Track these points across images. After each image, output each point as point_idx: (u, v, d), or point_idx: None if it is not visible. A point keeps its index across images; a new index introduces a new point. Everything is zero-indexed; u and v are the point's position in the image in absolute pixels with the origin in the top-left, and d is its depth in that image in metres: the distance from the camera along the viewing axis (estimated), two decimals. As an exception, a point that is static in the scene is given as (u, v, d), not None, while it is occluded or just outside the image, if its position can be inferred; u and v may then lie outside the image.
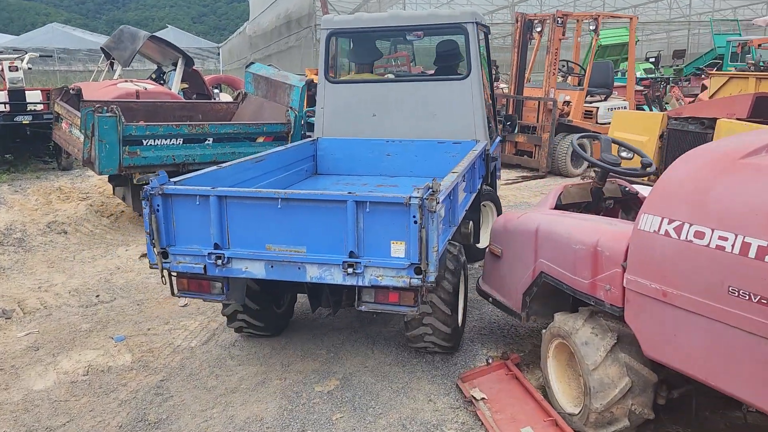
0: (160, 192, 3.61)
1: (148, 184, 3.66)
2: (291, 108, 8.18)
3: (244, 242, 3.63)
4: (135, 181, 7.24)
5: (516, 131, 11.96)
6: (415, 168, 5.85)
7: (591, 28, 12.11)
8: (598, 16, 12.14)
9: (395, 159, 5.91)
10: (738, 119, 6.48)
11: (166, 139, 7.30)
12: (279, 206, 3.51)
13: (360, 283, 3.52)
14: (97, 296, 6.04)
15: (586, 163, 12.20)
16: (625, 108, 12.91)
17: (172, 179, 3.82)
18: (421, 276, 3.39)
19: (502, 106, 12.54)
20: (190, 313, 5.61)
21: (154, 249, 3.72)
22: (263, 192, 3.63)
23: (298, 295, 5.19)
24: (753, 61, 13.03)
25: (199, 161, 7.63)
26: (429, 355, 4.65)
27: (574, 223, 3.63)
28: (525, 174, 12.04)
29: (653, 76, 21.08)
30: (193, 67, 14.36)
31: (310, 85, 8.79)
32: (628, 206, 4.80)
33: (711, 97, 8.43)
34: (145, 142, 7.19)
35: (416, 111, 5.89)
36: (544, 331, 3.89)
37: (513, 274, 4.14)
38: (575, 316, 3.57)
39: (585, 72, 12.53)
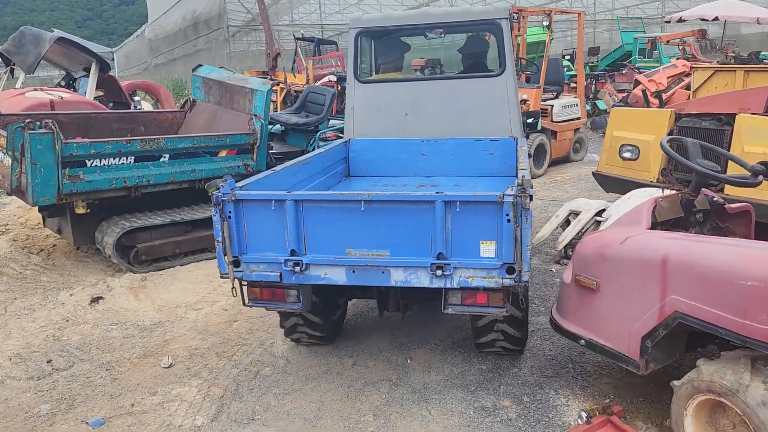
0: (233, 198, 3.47)
1: (219, 189, 3.48)
2: (255, 116, 7.11)
3: (322, 247, 3.53)
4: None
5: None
6: (452, 167, 5.70)
7: (545, 23, 11.72)
8: (551, 11, 11.77)
9: (431, 158, 5.75)
10: (753, 114, 6.10)
11: (114, 158, 6.04)
12: (362, 209, 3.41)
13: (448, 286, 3.44)
14: (49, 362, 4.76)
15: (547, 164, 11.83)
16: (576, 105, 12.67)
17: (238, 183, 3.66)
18: (513, 276, 3.33)
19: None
20: (180, 375, 4.49)
21: (226, 258, 3.57)
22: (345, 194, 3.48)
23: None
24: (733, 54, 13.03)
25: (155, 182, 6.42)
26: (503, 416, 3.84)
27: (731, 251, 2.93)
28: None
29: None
30: (109, 73, 12.76)
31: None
32: (712, 220, 4.19)
33: (694, 91, 8.17)
34: (89, 163, 5.90)
35: (450, 109, 5.73)
36: (675, 383, 3.18)
37: (622, 313, 3.39)
38: (733, 367, 2.87)
39: (538, 69, 12.16)
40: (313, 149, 8.28)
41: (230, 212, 3.51)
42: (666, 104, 15.00)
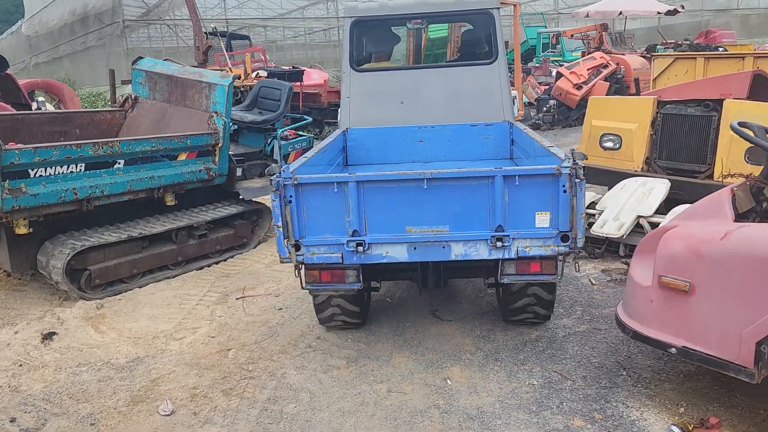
0: (295, 182, 3.53)
1: (279, 174, 3.54)
2: (215, 113, 6.32)
3: (382, 227, 3.66)
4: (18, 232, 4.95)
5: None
6: (450, 152, 5.87)
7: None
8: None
9: (428, 145, 5.89)
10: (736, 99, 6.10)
11: (62, 167, 5.10)
12: (425, 187, 3.55)
13: (506, 256, 3.68)
14: (13, 421, 3.86)
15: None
16: (515, 99, 12.61)
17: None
18: (568, 243, 3.62)
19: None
20: (188, 424, 3.75)
21: (286, 242, 3.65)
22: (408, 173, 3.61)
23: None
24: (687, 42, 13.28)
25: (110, 193, 5.51)
26: (588, 435, 3.45)
27: None
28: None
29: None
30: (7, 71, 11.27)
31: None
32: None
33: (655, 79, 8.20)
34: (32, 173, 4.93)
35: (444, 96, 5.87)
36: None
37: (728, 316, 3.08)
38: None
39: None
40: (272, 150, 7.59)
41: (291, 196, 3.55)
42: (589, 95, 15.37)
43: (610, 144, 6.86)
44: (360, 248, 3.66)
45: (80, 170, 5.25)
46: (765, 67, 7.41)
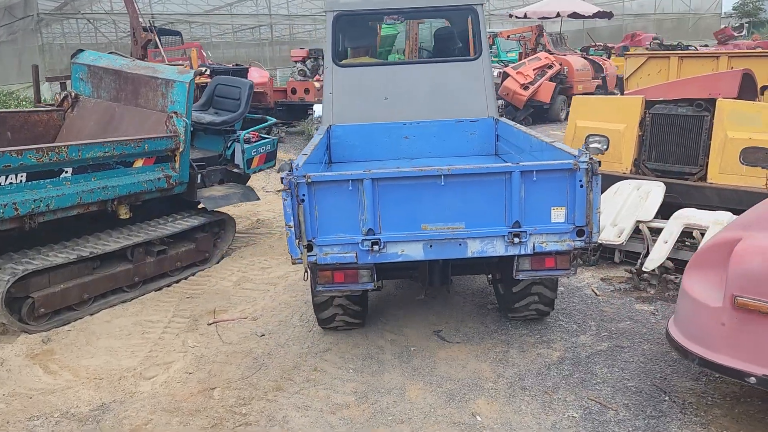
0: (308, 180, 3.44)
1: (291, 172, 3.41)
2: (175, 114, 5.59)
3: (397, 225, 3.61)
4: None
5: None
6: (435, 149, 5.80)
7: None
8: None
9: (413, 141, 5.82)
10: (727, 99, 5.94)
11: (1, 177, 4.27)
12: (442, 183, 3.52)
13: (522, 252, 3.66)
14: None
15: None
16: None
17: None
18: (584, 238, 3.63)
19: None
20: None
21: (298, 243, 3.55)
22: (425, 170, 3.57)
23: None
24: (657, 41, 13.22)
25: (56, 207, 4.70)
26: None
27: None
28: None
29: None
30: None
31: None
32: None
33: (627, 78, 8.03)
34: (-37, 186, 4.08)
35: (428, 92, 5.81)
36: None
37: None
38: None
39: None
40: (232, 154, 6.90)
41: (304, 195, 3.45)
42: (535, 95, 15.24)
43: (596, 145, 6.57)
44: (375, 247, 3.59)
45: (21, 181, 4.42)
46: (737, 66, 7.35)
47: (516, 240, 3.60)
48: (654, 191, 5.76)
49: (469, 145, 5.86)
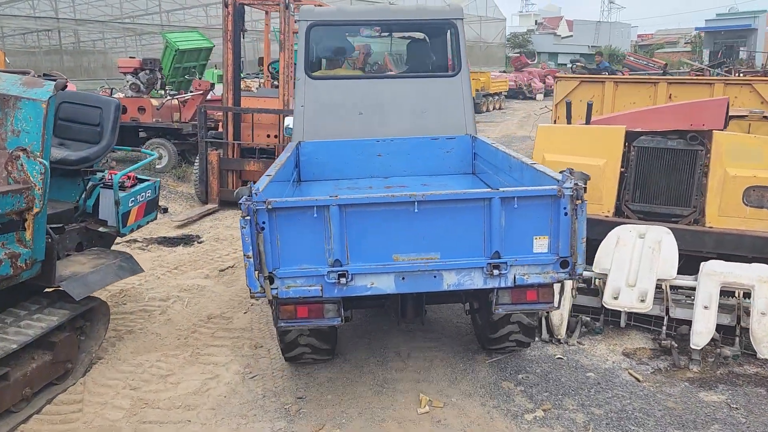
0: (269, 206, 3.13)
1: (250, 197, 3.09)
2: (24, 152, 3.40)
3: (366, 255, 3.34)
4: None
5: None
6: (410, 167, 5.60)
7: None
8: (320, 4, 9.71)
9: (387, 159, 5.61)
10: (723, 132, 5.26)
11: None
12: (416, 210, 3.28)
13: (503, 285, 3.42)
14: None
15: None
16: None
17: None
18: (567, 269, 3.38)
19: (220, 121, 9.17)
20: None
21: (258, 275, 3.21)
22: (397, 196, 3.30)
23: None
24: (581, 65, 12.44)
25: None
26: None
27: None
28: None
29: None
30: None
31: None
32: None
33: (558, 103, 7.20)
34: None
35: (405, 108, 5.64)
36: None
37: None
38: None
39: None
40: (95, 204, 4.72)
41: (264, 222, 3.16)
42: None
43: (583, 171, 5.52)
44: (342, 279, 3.32)
45: None
46: (677, 94, 6.87)
47: (495, 272, 3.33)
48: (665, 240, 4.82)
49: (446, 164, 5.61)
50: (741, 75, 15.13)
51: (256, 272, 3.21)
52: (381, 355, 4.64)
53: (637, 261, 4.76)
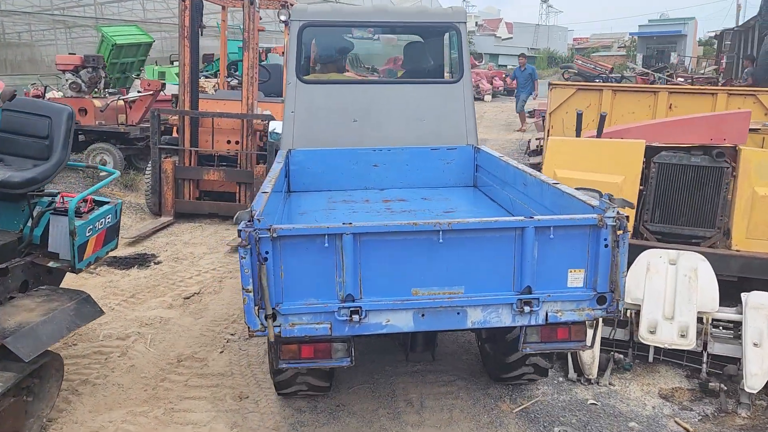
0: (273, 234, 2.78)
1: (251, 223, 2.75)
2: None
3: (382, 289, 2.98)
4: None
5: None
6: (408, 179, 5.36)
7: (282, 18, 8.82)
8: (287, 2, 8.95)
9: (384, 169, 5.33)
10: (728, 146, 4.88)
11: None
12: (440, 240, 2.93)
13: (534, 323, 3.09)
14: None
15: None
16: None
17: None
18: (605, 306, 3.08)
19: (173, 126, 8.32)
20: None
21: (258, 311, 2.87)
22: (419, 224, 2.93)
23: None
24: (575, 71, 11.73)
25: None
26: None
27: None
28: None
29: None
30: None
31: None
32: None
33: (552, 112, 6.72)
34: None
35: (403, 116, 5.38)
36: None
37: None
38: None
39: (269, 75, 9.27)
40: (43, 233, 3.90)
41: (267, 252, 2.81)
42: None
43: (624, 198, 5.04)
44: (355, 317, 2.93)
45: None
46: (678, 103, 6.51)
47: (526, 308, 3.02)
48: (701, 268, 4.37)
49: (446, 176, 5.37)
50: (692, 80, 15.27)
51: (256, 308, 2.88)
52: (391, 406, 4.01)
53: (672, 291, 4.30)
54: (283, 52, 16.16)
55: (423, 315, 3.03)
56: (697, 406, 3.99)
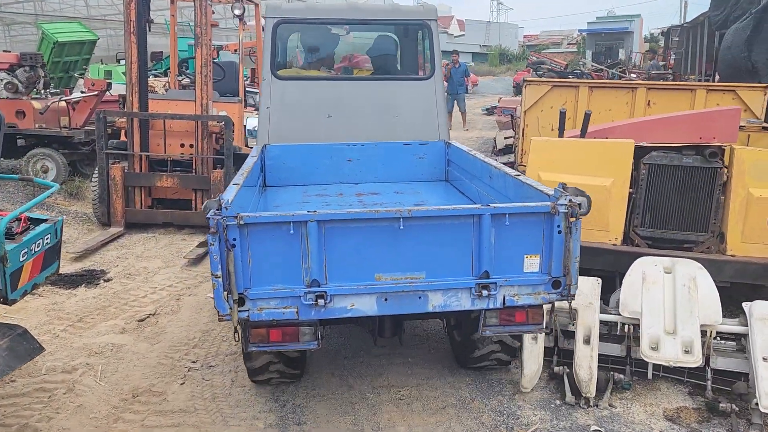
0: (240, 221, 2.90)
1: (217, 210, 2.85)
2: None
3: (346, 275, 3.12)
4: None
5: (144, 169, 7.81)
6: (381, 173, 5.47)
7: (236, 12, 8.30)
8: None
9: (358, 164, 5.45)
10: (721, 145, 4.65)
11: None
12: (401, 227, 3.07)
13: (492, 306, 3.25)
14: None
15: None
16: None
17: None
18: (560, 290, 3.25)
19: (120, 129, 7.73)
20: None
21: (227, 296, 2.96)
22: (381, 212, 3.10)
23: None
24: (548, 67, 11.24)
25: None
26: None
27: None
28: (201, 239, 7.43)
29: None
30: None
31: None
32: None
33: (527, 110, 6.41)
34: None
35: (376, 112, 5.49)
36: None
37: None
38: None
39: (224, 74, 8.73)
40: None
41: (235, 239, 2.91)
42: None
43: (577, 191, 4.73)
44: (320, 301, 3.05)
45: None
46: (656, 99, 6.30)
47: (484, 292, 3.17)
48: (699, 277, 4.11)
49: (418, 170, 5.51)
50: (649, 76, 15.35)
51: (225, 293, 2.98)
52: (377, 441, 3.61)
53: (671, 303, 4.02)
54: (235, 50, 15.56)
55: (386, 299, 3.15)
56: (706, 428, 3.71)
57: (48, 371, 4.38)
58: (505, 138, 9.45)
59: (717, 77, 14.86)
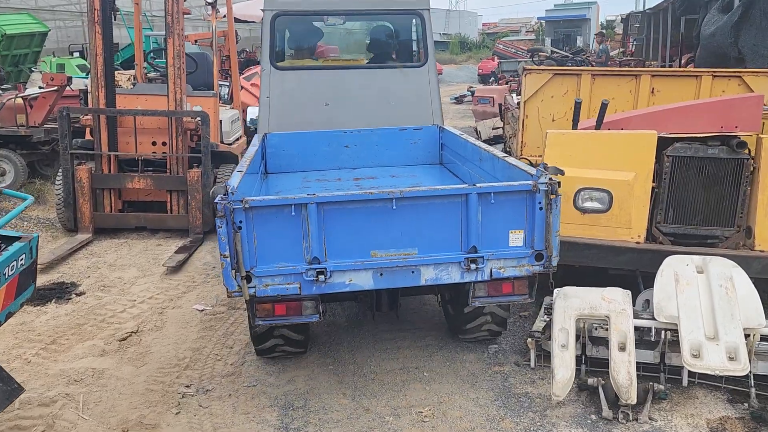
0: (245, 205, 3.18)
1: (224, 195, 3.14)
2: None
3: (344, 252, 3.40)
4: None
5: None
6: (378, 158, 5.67)
7: (209, 0, 7.76)
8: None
9: (355, 150, 5.65)
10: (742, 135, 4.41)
11: None
12: (394, 207, 3.33)
13: (479, 279, 3.53)
14: None
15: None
16: (237, 120, 9.11)
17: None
18: (542, 262, 3.52)
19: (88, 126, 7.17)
20: None
21: (235, 274, 3.27)
22: (374, 193, 3.38)
23: None
24: (546, 55, 10.72)
25: None
26: None
27: None
28: (179, 243, 6.91)
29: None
30: None
31: None
32: None
33: (527, 100, 6.07)
34: None
35: (372, 99, 5.72)
36: None
37: None
38: None
39: (196, 66, 8.19)
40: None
41: (241, 221, 3.20)
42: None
43: (592, 204, 4.44)
44: (321, 277, 3.34)
45: None
46: (661, 87, 6.05)
47: (472, 266, 3.44)
48: (736, 276, 3.86)
49: (413, 154, 5.73)
50: (620, 63, 15.25)
51: (233, 271, 3.24)
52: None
53: (709, 305, 3.76)
54: (196, 41, 14.88)
55: (381, 274, 3.41)
56: (749, 438, 3.46)
57: (22, 405, 3.87)
58: (493, 128, 9.13)
59: (683, 63, 14.82)
